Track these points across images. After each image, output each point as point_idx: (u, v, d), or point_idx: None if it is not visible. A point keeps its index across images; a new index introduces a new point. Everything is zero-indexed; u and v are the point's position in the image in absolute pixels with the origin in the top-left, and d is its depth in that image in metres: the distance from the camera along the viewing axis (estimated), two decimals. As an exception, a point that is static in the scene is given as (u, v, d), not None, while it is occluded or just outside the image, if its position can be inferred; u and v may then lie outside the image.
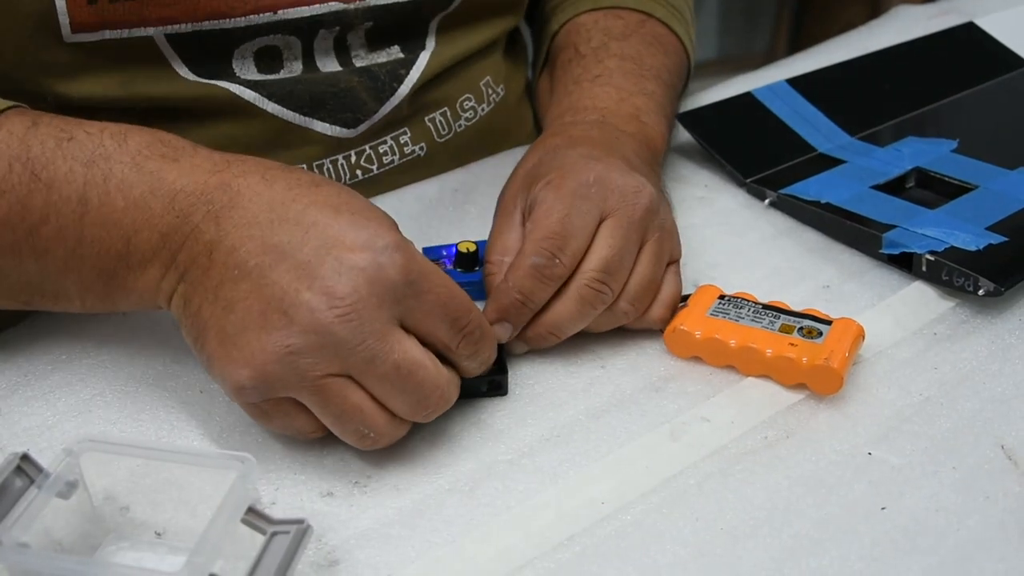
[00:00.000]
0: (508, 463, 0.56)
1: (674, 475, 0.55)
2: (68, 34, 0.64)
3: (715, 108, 0.85)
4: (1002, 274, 0.65)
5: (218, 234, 0.52)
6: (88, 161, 0.54)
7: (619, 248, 0.60)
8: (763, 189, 0.77)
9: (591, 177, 0.60)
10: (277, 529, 0.46)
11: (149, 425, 0.58)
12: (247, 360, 0.50)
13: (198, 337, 0.53)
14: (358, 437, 0.53)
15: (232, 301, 0.51)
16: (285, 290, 0.50)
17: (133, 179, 0.54)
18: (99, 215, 0.54)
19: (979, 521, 0.52)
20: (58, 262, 0.55)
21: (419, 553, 0.51)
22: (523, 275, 0.59)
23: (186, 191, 0.53)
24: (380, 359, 0.50)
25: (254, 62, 0.71)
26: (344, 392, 0.51)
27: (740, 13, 2.66)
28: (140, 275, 0.54)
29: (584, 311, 0.60)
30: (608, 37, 0.80)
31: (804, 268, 0.70)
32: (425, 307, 0.52)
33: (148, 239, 0.53)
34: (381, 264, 0.50)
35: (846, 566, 0.50)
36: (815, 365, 0.58)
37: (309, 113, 0.74)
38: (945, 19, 1.02)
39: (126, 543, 0.50)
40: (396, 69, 0.76)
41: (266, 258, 0.51)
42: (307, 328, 0.50)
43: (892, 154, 0.80)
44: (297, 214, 0.52)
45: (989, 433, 0.57)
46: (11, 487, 0.46)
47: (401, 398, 0.52)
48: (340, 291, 0.50)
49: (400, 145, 0.79)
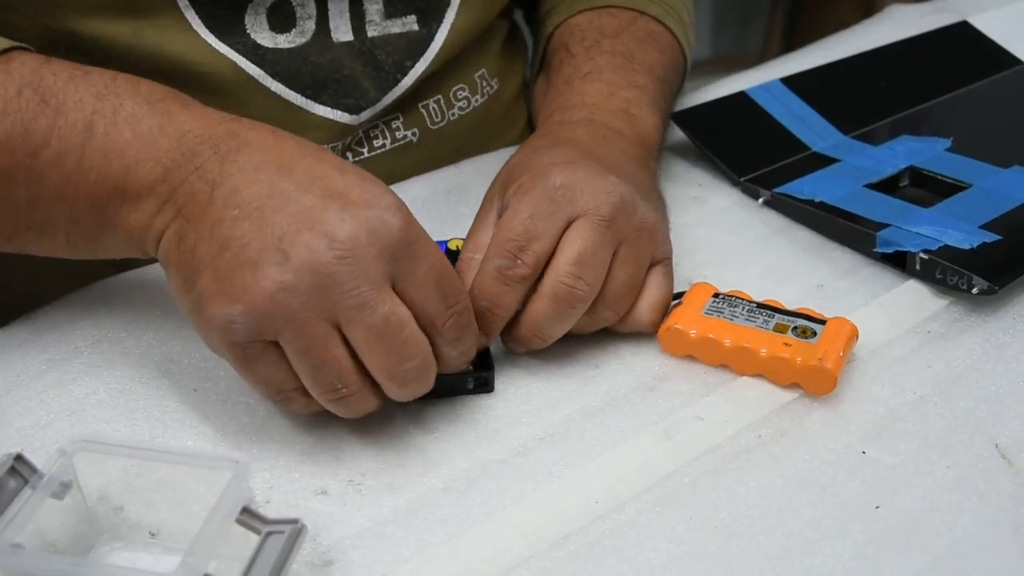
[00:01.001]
0: (502, 462, 0.56)
1: (668, 474, 0.55)
2: None
3: (709, 107, 0.85)
4: (996, 272, 0.65)
5: (222, 174, 0.52)
6: (99, 94, 0.55)
7: (590, 244, 0.58)
8: (757, 188, 0.77)
9: (559, 181, 0.60)
10: (271, 529, 0.46)
11: (143, 425, 0.57)
12: (239, 295, 0.50)
13: (190, 275, 0.52)
14: (329, 391, 0.52)
15: (229, 239, 0.51)
16: (285, 230, 0.50)
17: (143, 114, 0.54)
18: (103, 142, 0.54)
19: (973, 520, 0.52)
20: (52, 188, 0.54)
21: (413, 552, 0.51)
22: (485, 279, 0.58)
23: (195, 132, 0.54)
24: (370, 307, 0.50)
25: (267, 19, 0.71)
26: (327, 341, 0.51)
27: (734, 12, 2.66)
28: (134, 209, 0.54)
29: (561, 310, 0.59)
30: (600, 35, 0.80)
31: (798, 267, 0.70)
32: (420, 272, 0.52)
33: (150, 171, 0.53)
34: (383, 219, 0.51)
35: (840, 565, 0.50)
36: (809, 366, 0.58)
37: (312, 96, 0.73)
38: (939, 18, 1.02)
39: (120, 543, 0.50)
40: (403, 60, 0.76)
41: (269, 201, 0.51)
42: (303, 266, 0.50)
43: (886, 153, 0.80)
44: (305, 167, 0.53)
45: (983, 432, 0.57)
46: (5, 488, 0.46)
47: (383, 353, 0.51)
48: (340, 235, 0.50)
49: (392, 130, 0.79)
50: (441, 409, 0.58)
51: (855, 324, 0.61)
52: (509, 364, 0.61)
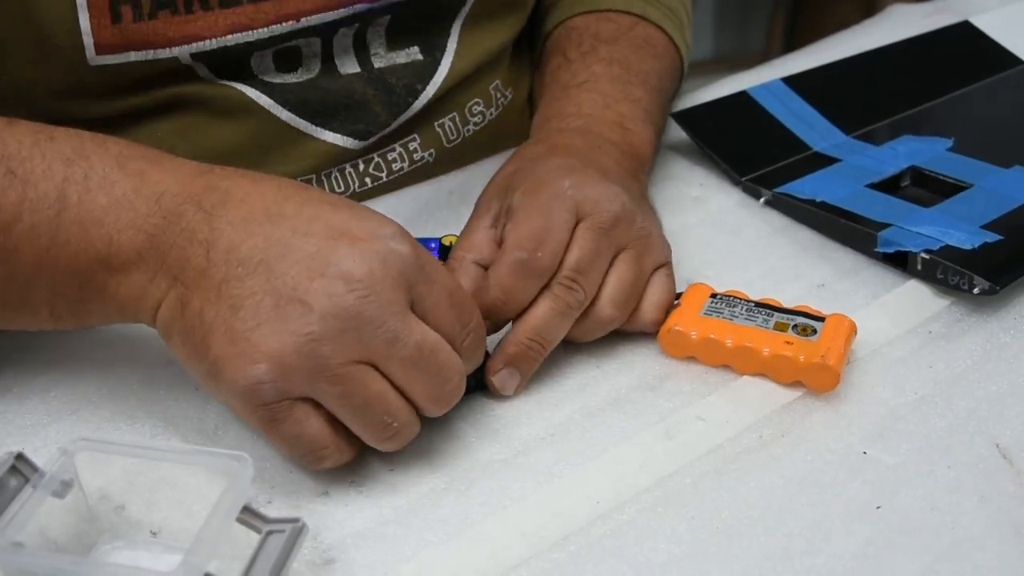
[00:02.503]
0: (503, 462, 0.56)
1: (669, 474, 0.55)
2: (92, 56, 0.63)
3: (710, 107, 0.85)
4: (997, 272, 0.65)
5: (212, 233, 0.50)
6: (68, 159, 0.52)
7: (589, 250, 0.59)
8: (758, 188, 0.77)
9: (567, 183, 0.60)
10: (272, 528, 0.46)
11: (144, 424, 0.57)
12: (264, 355, 0.48)
13: (200, 342, 0.50)
14: (381, 429, 0.51)
15: (239, 299, 0.49)
16: (298, 279, 0.49)
17: (116, 176, 0.52)
18: (78, 213, 0.51)
19: (973, 520, 0.52)
20: (29, 263, 0.52)
21: (414, 552, 0.51)
22: (504, 271, 0.58)
23: (172, 191, 0.52)
24: (402, 339, 0.49)
25: (273, 62, 0.71)
26: (366, 380, 0.50)
27: (735, 12, 2.66)
28: (123, 280, 0.52)
29: (560, 310, 0.59)
30: (597, 41, 0.79)
31: (799, 267, 0.70)
32: (435, 295, 0.52)
33: (132, 239, 0.51)
34: (392, 248, 0.50)
35: (841, 565, 0.50)
36: (813, 363, 0.58)
37: (321, 124, 0.73)
38: (940, 18, 1.02)
39: (121, 542, 0.50)
40: (413, 84, 0.76)
41: (272, 251, 0.50)
42: (327, 313, 0.48)
43: (887, 153, 0.80)
44: (295, 209, 0.51)
45: (984, 432, 0.57)
46: (6, 486, 0.46)
47: (424, 380, 0.51)
48: (356, 274, 0.49)
49: (409, 152, 0.78)
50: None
51: (853, 320, 0.61)
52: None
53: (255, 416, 0.50)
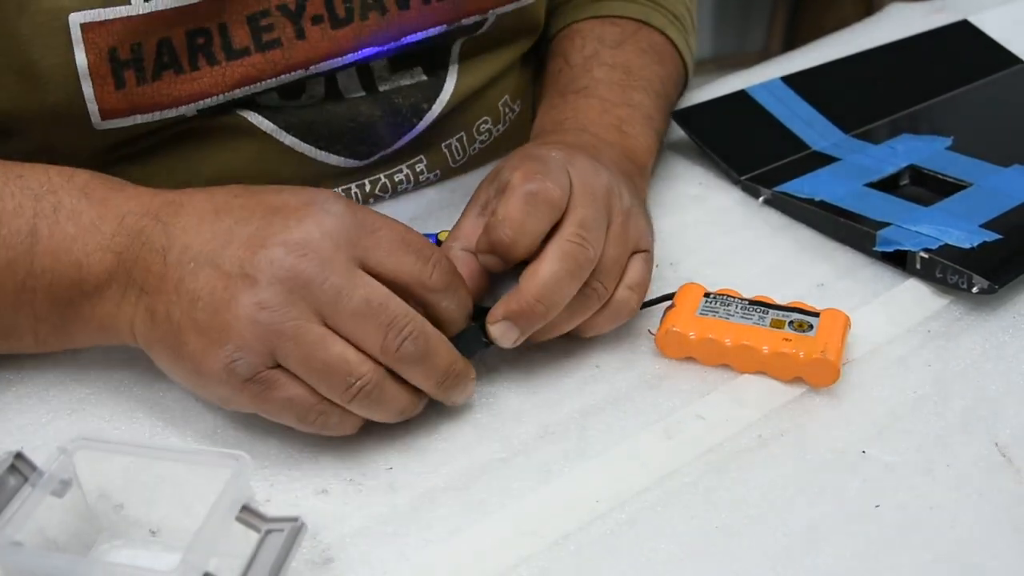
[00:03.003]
0: (502, 461, 0.56)
1: (668, 473, 0.55)
2: (99, 122, 0.63)
3: (709, 105, 0.85)
4: (996, 271, 0.65)
5: (168, 239, 0.53)
6: (37, 195, 0.55)
7: (592, 209, 0.57)
8: (757, 187, 0.77)
9: (555, 152, 0.60)
10: (271, 527, 0.46)
11: (143, 423, 0.57)
12: (225, 335, 0.50)
13: (175, 343, 0.52)
14: (345, 389, 0.51)
15: (195, 292, 0.51)
16: (243, 257, 0.51)
17: (83, 207, 0.54)
18: (49, 244, 0.54)
19: (973, 518, 0.52)
20: (9, 295, 0.54)
21: (413, 551, 0.51)
22: (513, 203, 0.56)
23: (134, 211, 0.54)
24: (346, 293, 0.50)
25: (277, 94, 0.70)
26: (324, 340, 0.51)
27: (735, 11, 2.66)
28: (99, 300, 0.54)
29: (571, 267, 0.56)
30: (601, 45, 0.79)
31: (798, 266, 0.70)
32: (384, 243, 0.52)
33: (101, 260, 0.54)
34: (327, 210, 0.52)
35: (840, 563, 0.50)
36: (813, 359, 0.58)
37: (326, 147, 0.73)
38: (939, 17, 1.02)
39: (120, 541, 0.50)
40: (419, 103, 0.75)
41: (217, 241, 0.52)
42: (271, 279, 0.50)
43: (886, 151, 0.80)
44: (240, 203, 0.54)
45: (983, 430, 0.57)
46: (5, 485, 0.46)
47: (376, 332, 0.51)
48: (295, 238, 0.51)
49: (416, 173, 0.78)
50: (441, 407, 0.58)
51: (847, 313, 0.62)
52: (510, 363, 0.61)
53: (244, 397, 0.52)
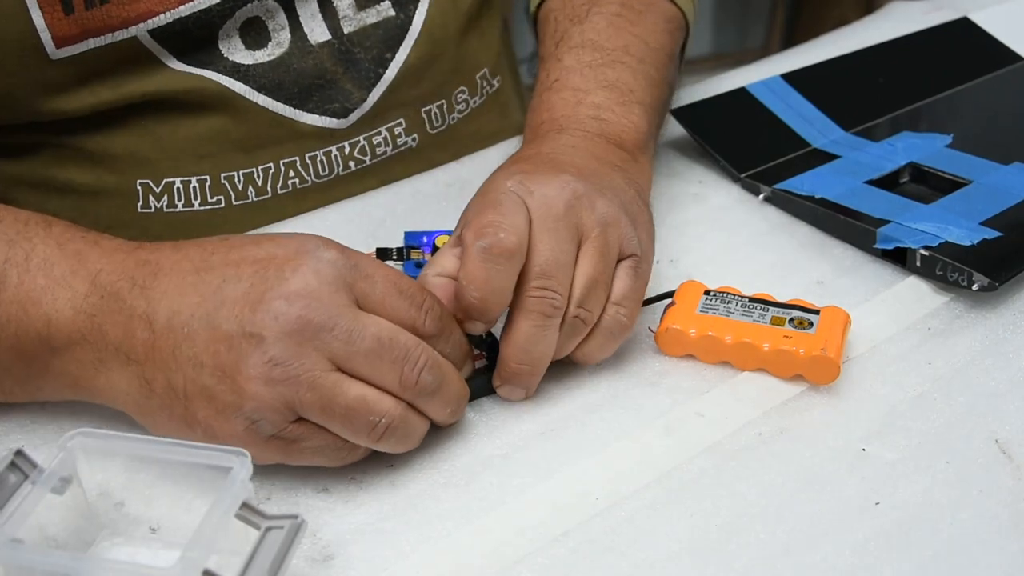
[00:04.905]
0: (502, 458, 0.56)
1: (668, 470, 0.55)
2: (53, 51, 0.65)
3: (709, 103, 0.84)
4: (996, 269, 0.65)
5: (150, 305, 0.51)
6: (11, 240, 0.53)
7: (549, 248, 0.55)
8: (757, 184, 0.77)
9: (509, 183, 0.57)
10: (271, 524, 0.46)
11: (143, 420, 0.57)
12: (240, 399, 0.49)
13: (183, 412, 0.51)
14: (371, 429, 0.51)
15: (196, 356, 0.50)
16: (241, 316, 0.50)
17: (55, 258, 0.53)
18: (17, 293, 0.52)
19: (973, 515, 0.52)
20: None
21: (413, 548, 0.51)
22: (471, 265, 0.54)
23: (107, 270, 0.53)
24: (357, 334, 0.50)
25: (240, 39, 0.71)
26: (342, 386, 0.50)
27: (735, 8, 2.66)
28: (68, 358, 0.53)
29: (540, 323, 0.55)
30: (569, 22, 0.75)
31: (798, 263, 0.70)
32: (379, 288, 0.52)
33: (73, 320, 0.52)
34: (320, 257, 0.51)
35: (840, 561, 0.50)
36: (813, 356, 0.58)
37: (298, 105, 0.74)
38: (939, 14, 1.02)
39: (120, 539, 0.50)
40: (382, 52, 0.76)
41: (209, 304, 0.50)
42: (278, 334, 0.49)
43: (886, 149, 0.80)
44: (220, 259, 0.52)
45: (983, 427, 0.57)
46: (5, 483, 0.46)
47: (392, 368, 0.51)
48: (294, 290, 0.50)
49: (394, 136, 0.78)
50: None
51: (847, 311, 0.62)
52: (509, 360, 0.61)
53: (269, 452, 0.51)
